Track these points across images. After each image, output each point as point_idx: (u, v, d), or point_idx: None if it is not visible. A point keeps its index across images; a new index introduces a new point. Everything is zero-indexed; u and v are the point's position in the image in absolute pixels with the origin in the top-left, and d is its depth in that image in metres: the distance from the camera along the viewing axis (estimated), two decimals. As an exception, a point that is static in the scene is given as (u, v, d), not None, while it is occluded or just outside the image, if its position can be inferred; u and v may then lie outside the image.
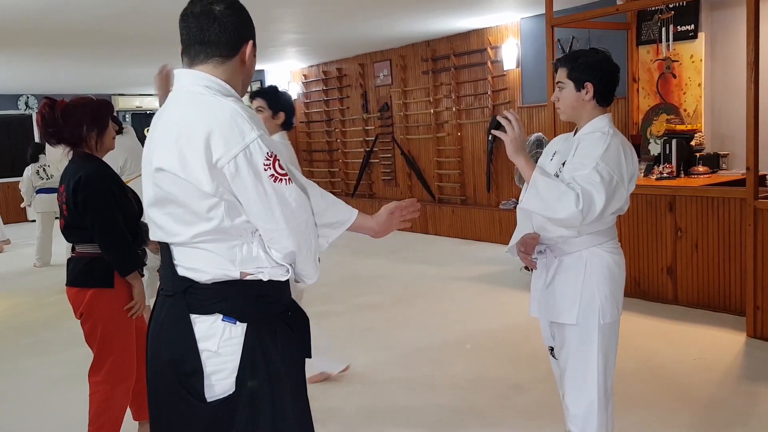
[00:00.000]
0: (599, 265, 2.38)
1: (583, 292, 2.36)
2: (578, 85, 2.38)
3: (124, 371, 2.92)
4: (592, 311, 2.36)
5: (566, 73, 2.40)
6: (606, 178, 2.20)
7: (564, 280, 2.40)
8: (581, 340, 2.38)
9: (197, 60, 1.70)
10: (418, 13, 6.82)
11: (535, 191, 2.20)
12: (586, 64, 2.39)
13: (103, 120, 2.86)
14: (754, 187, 4.20)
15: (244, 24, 1.71)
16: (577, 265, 2.38)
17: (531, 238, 2.50)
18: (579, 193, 2.15)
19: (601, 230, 2.39)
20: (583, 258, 2.38)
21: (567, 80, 2.40)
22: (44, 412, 3.78)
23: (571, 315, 2.37)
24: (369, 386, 3.84)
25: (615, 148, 2.29)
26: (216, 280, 1.66)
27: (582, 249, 2.38)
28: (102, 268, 2.83)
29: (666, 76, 6.09)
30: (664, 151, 5.57)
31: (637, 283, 5.24)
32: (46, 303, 6.26)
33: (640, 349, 4.21)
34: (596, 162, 2.23)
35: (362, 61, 9.91)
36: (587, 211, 2.16)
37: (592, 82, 2.38)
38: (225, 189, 1.59)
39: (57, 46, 7.34)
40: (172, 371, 1.68)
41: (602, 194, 2.18)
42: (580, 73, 2.38)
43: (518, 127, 2.25)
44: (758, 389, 3.56)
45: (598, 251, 2.39)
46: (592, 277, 2.37)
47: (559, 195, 2.16)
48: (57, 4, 5.34)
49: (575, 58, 2.42)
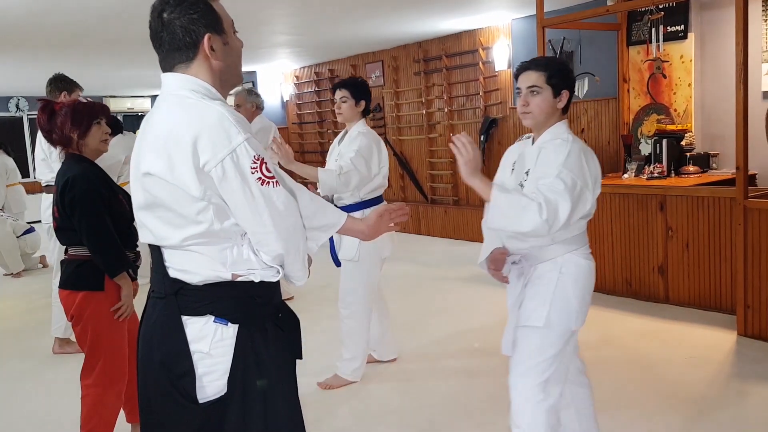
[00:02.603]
0: (575, 270, 2.37)
1: (555, 296, 2.34)
2: (556, 91, 2.36)
3: (116, 374, 2.91)
4: (565, 316, 2.35)
5: (544, 79, 2.36)
6: (569, 184, 2.20)
7: (537, 284, 2.39)
8: (542, 341, 2.35)
9: (168, 71, 1.70)
10: (410, 14, 6.82)
11: (497, 209, 2.21)
12: (566, 71, 2.39)
13: (83, 121, 2.85)
14: (744, 187, 4.23)
15: (194, 21, 1.65)
16: (552, 271, 2.37)
17: (500, 254, 2.49)
18: (541, 203, 2.15)
19: (575, 236, 2.39)
20: (558, 264, 2.37)
21: (546, 86, 2.36)
22: (36, 416, 3.76)
23: (539, 317, 2.34)
24: (360, 387, 3.84)
25: (576, 154, 2.28)
26: (207, 281, 1.66)
27: (557, 256, 2.38)
28: (92, 271, 2.83)
29: (656, 76, 6.11)
30: (655, 151, 5.60)
31: (628, 283, 5.26)
32: (37, 306, 6.23)
33: (632, 348, 4.23)
34: (559, 169, 2.23)
35: (354, 62, 9.92)
36: (553, 220, 2.16)
37: (568, 90, 2.38)
38: (213, 192, 1.60)
39: (48, 47, 7.31)
40: (163, 373, 1.68)
41: (567, 201, 2.18)
42: (560, 80, 2.36)
43: (471, 149, 2.22)
44: (749, 387, 3.59)
45: (573, 257, 2.38)
46: (567, 282, 2.35)
47: (521, 208, 2.16)
48: (48, 5, 5.32)
49: (553, 64, 2.39)
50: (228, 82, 1.75)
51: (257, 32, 7.25)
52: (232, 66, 1.75)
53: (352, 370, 3.85)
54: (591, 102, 6.73)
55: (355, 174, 3.57)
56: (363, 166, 3.62)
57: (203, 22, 1.67)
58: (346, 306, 3.83)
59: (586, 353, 4.15)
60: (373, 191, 3.79)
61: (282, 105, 11.59)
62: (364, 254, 3.71)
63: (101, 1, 5.32)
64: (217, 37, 1.69)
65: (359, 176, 3.59)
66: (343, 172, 3.55)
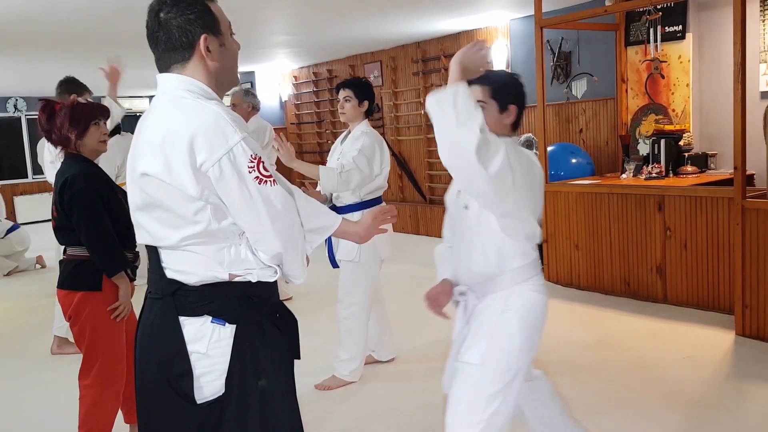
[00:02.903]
0: (522, 306, 2.18)
1: (497, 331, 2.15)
2: (502, 106, 2.22)
3: (114, 374, 2.91)
4: (505, 354, 2.13)
5: (489, 93, 2.22)
6: (507, 148, 2.03)
7: (479, 318, 2.21)
8: (479, 381, 2.13)
9: (164, 71, 1.70)
10: (408, 14, 6.83)
11: (452, 104, 1.96)
12: (511, 86, 2.26)
13: (81, 121, 2.85)
14: (742, 187, 4.23)
15: (191, 21, 1.65)
16: (497, 307, 2.18)
17: (442, 288, 2.33)
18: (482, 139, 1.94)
19: (524, 265, 2.21)
20: (505, 299, 2.19)
21: (490, 100, 2.21)
22: (34, 417, 3.76)
23: (476, 354, 2.14)
24: (359, 387, 3.84)
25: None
26: (204, 282, 1.66)
27: (504, 288, 2.20)
28: (90, 271, 2.83)
29: (654, 76, 6.12)
30: (653, 151, 5.61)
31: (626, 283, 5.27)
32: (35, 307, 6.23)
33: (630, 348, 4.23)
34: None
35: (353, 63, 9.92)
36: (481, 144, 1.94)
37: (516, 105, 2.24)
38: (210, 192, 1.60)
39: (46, 48, 7.30)
40: (161, 374, 1.68)
41: (501, 144, 2.00)
42: (506, 95, 2.22)
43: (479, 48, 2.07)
44: (747, 387, 3.59)
45: (522, 290, 2.20)
46: (511, 317, 2.16)
47: (469, 114, 1.95)
48: (45, 5, 5.32)
49: (498, 79, 2.26)
50: (223, 83, 1.75)
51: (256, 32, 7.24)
52: (227, 68, 1.74)
53: (350, 371, 3.85)
54: (589, 102, 6.74)
55: (356, 173, 3.57)
56: (365, 165, 3.61)
57: (200, 23, 1.66)
58: (346, 307, 3.82)
59: (584, 353, 4.17)
60: (373, 192, 3.79)
61: (280, 105, 11.59)
62: (364, 255, 3.71)
63: (98, 2, 5.32)
64: (213, 38, 1.69)
65: (361, 175, 3.59)
66: (345, 170, 3.55)
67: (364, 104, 3.80)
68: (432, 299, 2.34)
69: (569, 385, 3.66)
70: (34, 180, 12.75)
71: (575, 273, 5.62)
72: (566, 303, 5.27)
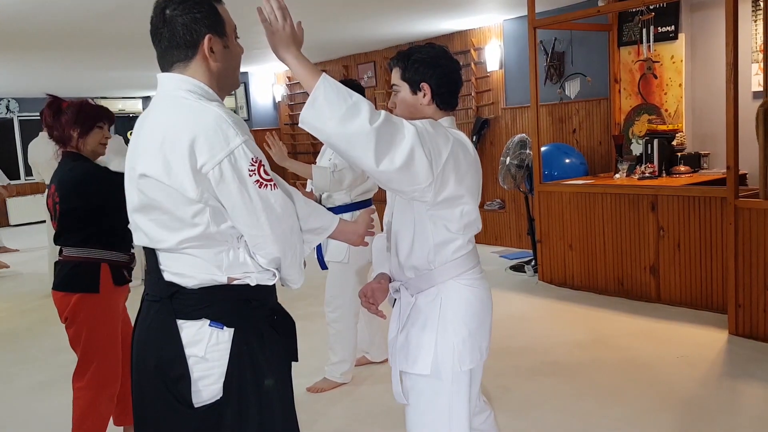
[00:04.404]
0: (456, 302, 2.03)
1: (438, 337, 2.01)
2: (413, 87, 2.03)
3: (109, 377, 2.90)
4: (451, 358, 2.00)
5: (399, 74, 2.05)
6: (421, 132, 1.81)
7: (419, 324, 2.05)
8: (434, 391, 2.02)
9: (165, 69, 1.69)
10: (402, 14, 6.83)
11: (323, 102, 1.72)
12: (420, 61, 2.02)
13: (86, 121, 2.85)
14: (735, 186, 4.25)
15: (197, 20, 1.64)
16: (433, 305, 2.04)
17: (378, 284, 2.15)
18: (381, 112, 1.76)
19: (458, 258, 2.05)
20: (438, 295, 2.04)
21: (401, 82, 2.05)
22: (27, 420, 3.74)
23: (425, 364, 2.01)
24: (353, 388, 3.84)
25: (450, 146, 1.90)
26: (203, 285, 1.65)
27: (437, 283, 2.04)
28: (88, 273, 2.82)
29: (647, 76, 6.14)
30: (646, 151, 5.63)
31: (620, 283, 5.28)
32: (28, 309, 6.20)
33: (624, 347, 4.24)
34: None
35: (346, 63, 9.91)
36: (382, 121, 1.74)
37: (428, 83, 2.02)
38: (210, 195, 1.58)
39: (38, 49, 7.27)
40: (158, 377, 1.67)
41: (409, 127, 1.79)
42: (414, 73, 2.02)
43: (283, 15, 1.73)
44: (740, 386, 3.61)
45: (456, 285, 2.04)
46: (447, 318, 2.02)
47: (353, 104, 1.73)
48: (37, 6, 5.29)
49: (408, 56, 2.04)
50: (225, 86, 1.74)
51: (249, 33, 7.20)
52: (230, 70, 1.74)
53: (341, 374, 3.85)
54: (582, 102, 6.75)
55: (349, 172, 3.57)
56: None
57: (206, 23, 1.66)
58: (333, 309, 3.81)
59: (577, 353, 4.18)
60: (364, 193, 3.79)
61: (274, 106, 11.58)
62: (352, 256, 3.71)
63: (91, 3, 5.30)
64: (217, 39, 1.68)
65: (353, 175, 3.59)
66: (338, 170, 3.55)
67: None
68: (367, 296, 2.12)
69: (563, 385, 3.67)
70: (26, 181, 12.69)
71: (569, 273, 5.63)
72: (560, 303, 5.28)
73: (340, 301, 3.79)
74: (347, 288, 3.77)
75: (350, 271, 3.75)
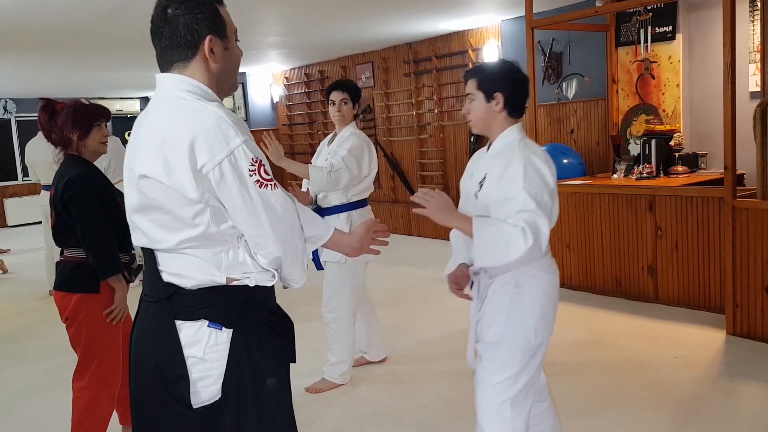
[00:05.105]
0: (531, 284, 2.30)
1: (510, 312, 2.28)
2: (488, 96, 2.33)
3: (109, 377, 2.90)
4: (523, 333, 2.26)
5: (476, 84, 2.35)
6: (538, 199, 2.15)
7: (493, 299, 2.33)
8: (504, 360, 2.26)
9: (165, 69, 1.69)
10: (400, 15, 6.83)
11: (483, 246, 2.14)
12: (495, 74, 2.34)
13: (84, 123, 2.85)
14: (732, 186, 4.26)
15: (198, 21, 1.64)
16: (508, 284, 2.30)
17: (462, 272, 2.46)
18: (524, 227, 2.09)
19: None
20: (515, 277, 2.29)
21: (477, 91, 2.34)
22: (26, 420, 3.73)
23: (494, 334, 2.28)
24: (352, 388, 3.84)
25: (531, 168, 2.22)
26: (202, 285, 1.65)
27: (514, 269, 2.28)
28: (88, 273, 2.82)
29: (645, 77, 6.15)
30: (644, 152, 5.63)
31: (618, 283, 5.29)
32: (26, 310, 6.19)
33: (622, 347, 4.25)
34: (523, 188, 2.16)
35: (344, 63, 9.91)
36: (540, 240, 2.11)
37: (502, 93, 2.32)
38: (210, 195, 1.58)
39: (36, 49, 7.26)
40: (157, 378, 1.66)
41: (543, 217, 2.13)
42: (489, 84, 2.32)
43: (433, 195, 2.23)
44: (738, 386, 3.61)
45: (531, 270, 2.30)
46: (524, 297, 2.29)
47: (506, 239, 2.11)
48: (34, 7, 5.29)
49: (483, 69, 2.37)
50: (223, 87, 1.74)
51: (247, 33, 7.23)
52: (229, 72, 1.74)
53: (340, 374, 3.85)
54: (580, 102, 6.76)
55: (345, 172, 3.57)
56: (354, 165, 3.62)
57: (207, 24, 1.66)
58: (331, 309, 3.81)
59: (575, 353, 4.18)
60: (360, 193, 3.79)
61: (272, 106, 11.58)
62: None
63: (89, 4, 5.30)
64: (218, 41, 1.68)
65: (350, 175, 3.59)
66: (335, 169, 3.55)
67: (356, 106, 3.86)
68: (453, 282, 2.48)
69: (561, 385, 3.67)
70: (24, 182, 12.68)
71: (567, 273, 5.64)
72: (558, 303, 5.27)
73: (338, 301, 3.78)
74: (344, 288, 3.77)
75: (347, 271, 3.75)
